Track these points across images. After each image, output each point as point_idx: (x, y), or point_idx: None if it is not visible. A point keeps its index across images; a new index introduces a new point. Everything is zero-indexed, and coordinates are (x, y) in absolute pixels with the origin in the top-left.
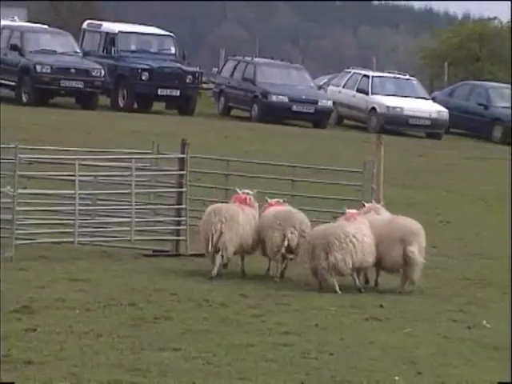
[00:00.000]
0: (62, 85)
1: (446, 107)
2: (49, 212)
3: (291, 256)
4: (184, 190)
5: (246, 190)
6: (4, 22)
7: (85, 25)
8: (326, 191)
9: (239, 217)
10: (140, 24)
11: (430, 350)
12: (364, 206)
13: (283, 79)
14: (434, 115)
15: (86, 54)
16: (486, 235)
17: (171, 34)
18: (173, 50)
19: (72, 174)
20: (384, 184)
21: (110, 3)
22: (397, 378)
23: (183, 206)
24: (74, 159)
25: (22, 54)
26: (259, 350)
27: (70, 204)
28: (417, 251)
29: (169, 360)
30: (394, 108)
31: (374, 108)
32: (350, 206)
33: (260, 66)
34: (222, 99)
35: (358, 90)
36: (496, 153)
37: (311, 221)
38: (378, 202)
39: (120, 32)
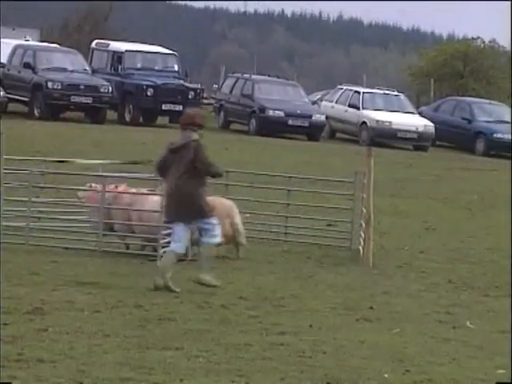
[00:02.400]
0: (72, 100)
1: (432, 121)
2: (63, 220)
3: None
4: None
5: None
6: (18, 42)
7: (93, 44)
8: (320, 200)
9: None
10: (145, 43)
11: (417, 349)
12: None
13: (279, 95)
14: (420, 129)
15: (94, 72)
16: (470, 241)
17: (175, 53)
18: (176, 68)
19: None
20: (373, 193)
21: (117, 23)
22: (386, 375)
23: None
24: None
25: (34, 72)
26: (257, 349)
27: (81, 212)
28: (240, 222)
29: (172, 358)
30: (383, 122)
31: (364, 122)
32: (342, 214)
33: (258, 83)
34: (222, 114)
35: (350, 106)
36: (479, 164)
37: (307, 227)
38: (367, 209)
39: (127, 51)
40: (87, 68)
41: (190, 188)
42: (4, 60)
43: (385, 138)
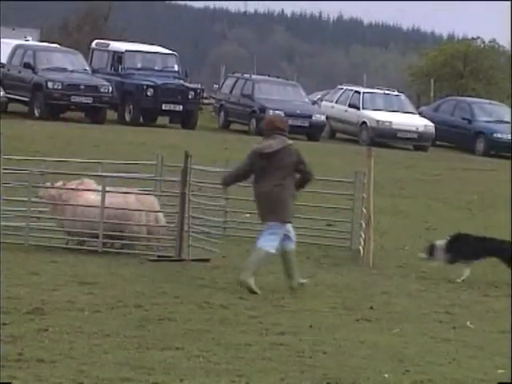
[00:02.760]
0: (72, 100)
1: (432, 121)
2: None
3: None
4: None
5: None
6: (18, 42)
7: (93, 44)
8: (319, 200)
9: None
10: (145, 43)
11: (417, 349)
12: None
13: (279, 95)
14: (420, 129)
15: (94, 72)
16: None
17: (175, 53)
18: (176, 68)
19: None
20: (374, 193)
21: (117, 24)
22: (386, 375)
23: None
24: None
25: (34, 72)
26: (257, 349)
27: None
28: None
29: (172, 358)
30: (383, 122)
31: (364, 122)
32: (342, 214)
33: (258, 83)
34: (222, 114)
35: (350, 106)
36: (479, 164)
37: (306, 227)
38: (368, 209)
39: (127, 51)
40: (87, 68)
41: (288, 191)
42: (4, 60)
43: (385, 138)
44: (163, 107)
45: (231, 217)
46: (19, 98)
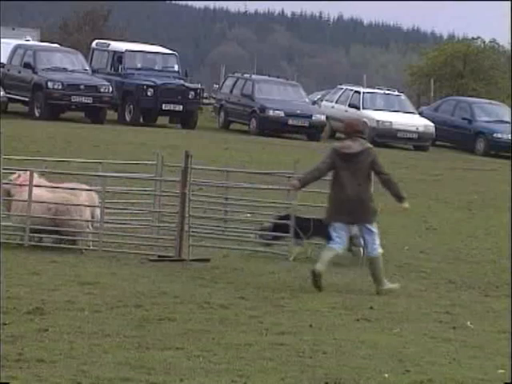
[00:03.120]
0: (72, 100)
1: (433, 121)
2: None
3: None
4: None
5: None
6: (18, 42)
7: (94, 44)
8: (319, 200)
9: None
10: (146, 43)
11: (417, 349)
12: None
13: (280, 95)
14: (421, 129)
15: (94, 72)
16: (470, 241)
17: (175, 53)
18: (176, 68)
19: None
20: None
21: (117, 24)
22: (386, 375)
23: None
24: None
25: (34, 72)
26: (257, 349)
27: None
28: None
29: (172, 358)
30: (383, 122)
31: (364, 122)
32: None
33: (258, 83)
34: (222, 114)
35: (350, 105)
36: (479, 164)
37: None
38: None
39: (127, 51)
40: (87, 68)
41: (366, 192)
42: (4, 60)
43: (385, 138)
44: (163, 107)
45: (232, 216)
46: (19, 98)
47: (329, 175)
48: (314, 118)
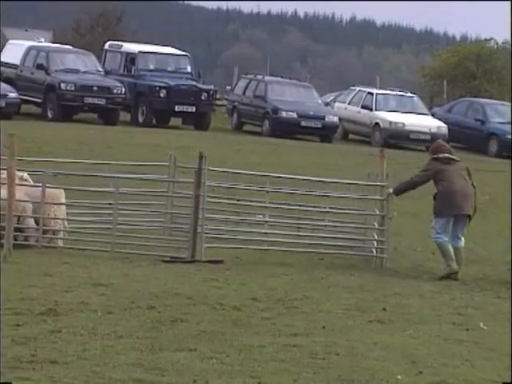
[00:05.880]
0: (85, 101)
1: (445, 122)
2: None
3: None
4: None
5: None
6: (31, 43)
7: (106, 45)
8: (333, 201)
9: None
10: (158, 44)
11: (430, 350)
12: None
13: (292, 96)
14: (433, 130)
15: (107, 73)
16: (482, 242)
17: (187, 54)
18: (189, 69)
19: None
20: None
21: (130, 26)
22: (399, 376)
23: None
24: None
25: (47, 73)
26: (270, 351)
27: (93, 214)
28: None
29: (185, 360)
30: (396, 123)
31: (377, 123)
32: (354, 216)
33: (271, 84)
34: (235, 115)
35: (363, 107)
36: (491, 165)
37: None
38: (381, 211)
39: (139, 52)
40: (100, 69)
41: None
42: (17, 61)
43: (398, 139)
44: (176, 108)
45: (244, 218)
46: (32, 99)
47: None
48: (326, 119)
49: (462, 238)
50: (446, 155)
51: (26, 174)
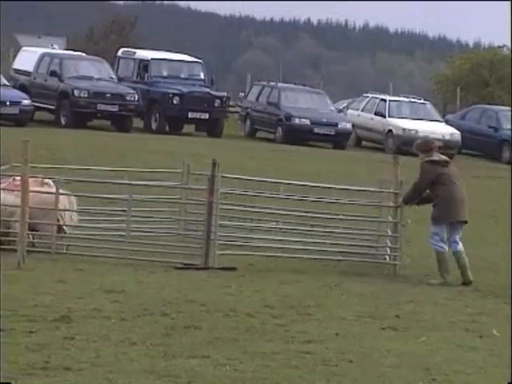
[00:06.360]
0: (98, 108)
1: (459, 129)
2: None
3: None
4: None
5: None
6: (44, 50)
7: (120, 52)
8: (345, 208)
9: None
10: (171, 51)
11: (444, 357)
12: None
13: (305, 103)
14: (447, 137)
15: (120, 80)
16: (495, 250)
17: (200, 61)
18: (202, 76)
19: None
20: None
21: (143, 33)
22: None
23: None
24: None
25: (61, 80)
26: (283, 358)
27: (106, 220)
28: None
29: (198, 367)
30: (409, 130)
31: (390, 130)
32: (367, 223)
33: (284, 91)
34: (248, 122)
35: (376, 114)
36: (504, 172)
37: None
38: (394, 218)
39: (152, 59)
40: (113, 76)
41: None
42: (31, 68)
43: (411, 146)
44: (189, 115)
45: (257, 224)
46: (45, 106)
47: None
48: (339, 126)
49: (460, 243)
50: (444, 158)
51: (50, 181)
